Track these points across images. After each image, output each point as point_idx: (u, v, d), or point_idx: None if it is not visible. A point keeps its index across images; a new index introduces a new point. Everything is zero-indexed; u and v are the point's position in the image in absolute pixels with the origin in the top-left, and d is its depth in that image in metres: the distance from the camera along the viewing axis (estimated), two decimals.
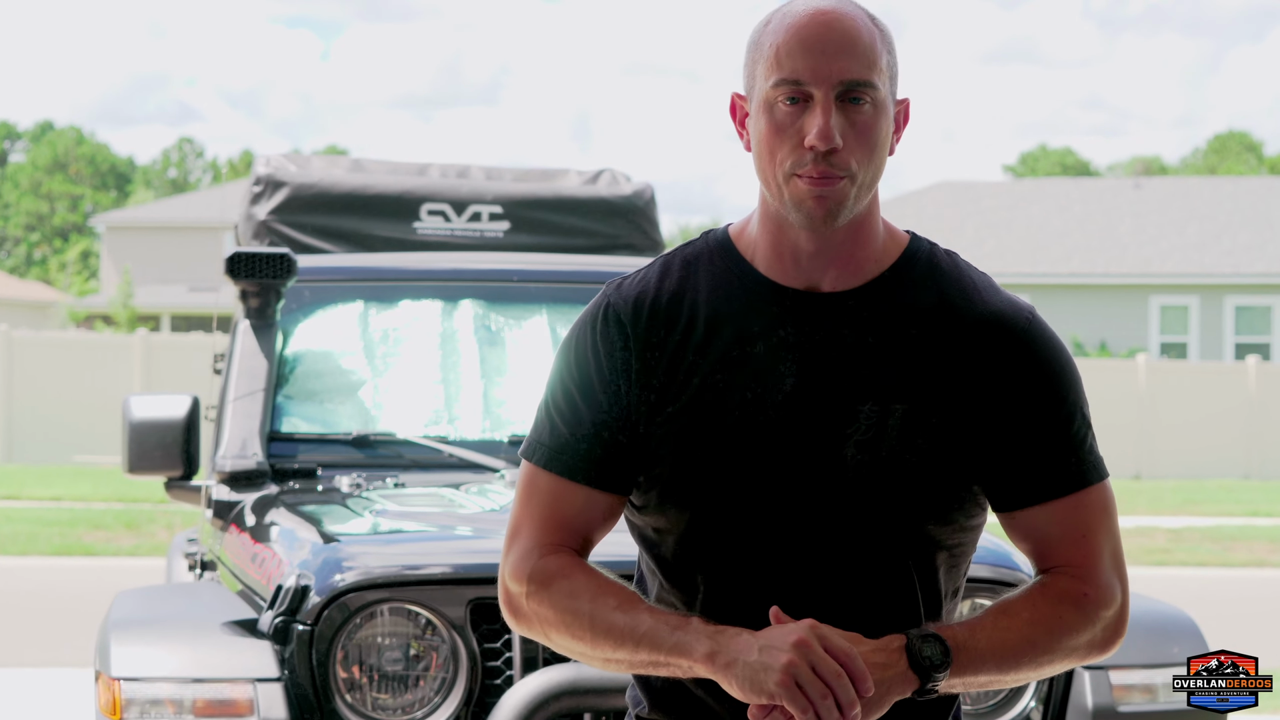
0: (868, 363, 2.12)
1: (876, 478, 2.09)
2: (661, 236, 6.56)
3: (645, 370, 2.15)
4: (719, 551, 2.13)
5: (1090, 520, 2.15)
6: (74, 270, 52.97)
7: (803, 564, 2.11)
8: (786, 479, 2.11)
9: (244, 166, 64.38)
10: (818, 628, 1.99)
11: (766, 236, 2.17)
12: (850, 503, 2.10)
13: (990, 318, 2.15)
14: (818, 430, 2.10)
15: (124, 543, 14.55)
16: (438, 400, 5.13)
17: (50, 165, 69.11)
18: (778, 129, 2.09)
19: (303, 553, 3.98)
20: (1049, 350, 2.16)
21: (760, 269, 2.17)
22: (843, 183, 2.08)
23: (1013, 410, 2.13)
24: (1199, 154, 71.83)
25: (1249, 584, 13.72)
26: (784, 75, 2.08)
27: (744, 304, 2.16)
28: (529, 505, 2.21)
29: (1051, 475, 2.14)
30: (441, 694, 3.77)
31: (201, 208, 44.73)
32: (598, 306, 2.21)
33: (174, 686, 3.77)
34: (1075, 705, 4.05)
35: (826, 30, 2.09)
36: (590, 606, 2.11)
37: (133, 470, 5.03)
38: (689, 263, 2.21)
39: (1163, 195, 35.82)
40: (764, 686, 1.97)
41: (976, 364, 2.13)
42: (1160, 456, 25.46)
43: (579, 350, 2.20)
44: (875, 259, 2.17)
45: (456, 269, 5.59)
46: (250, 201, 6.21)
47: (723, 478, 2.12)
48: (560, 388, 2.20)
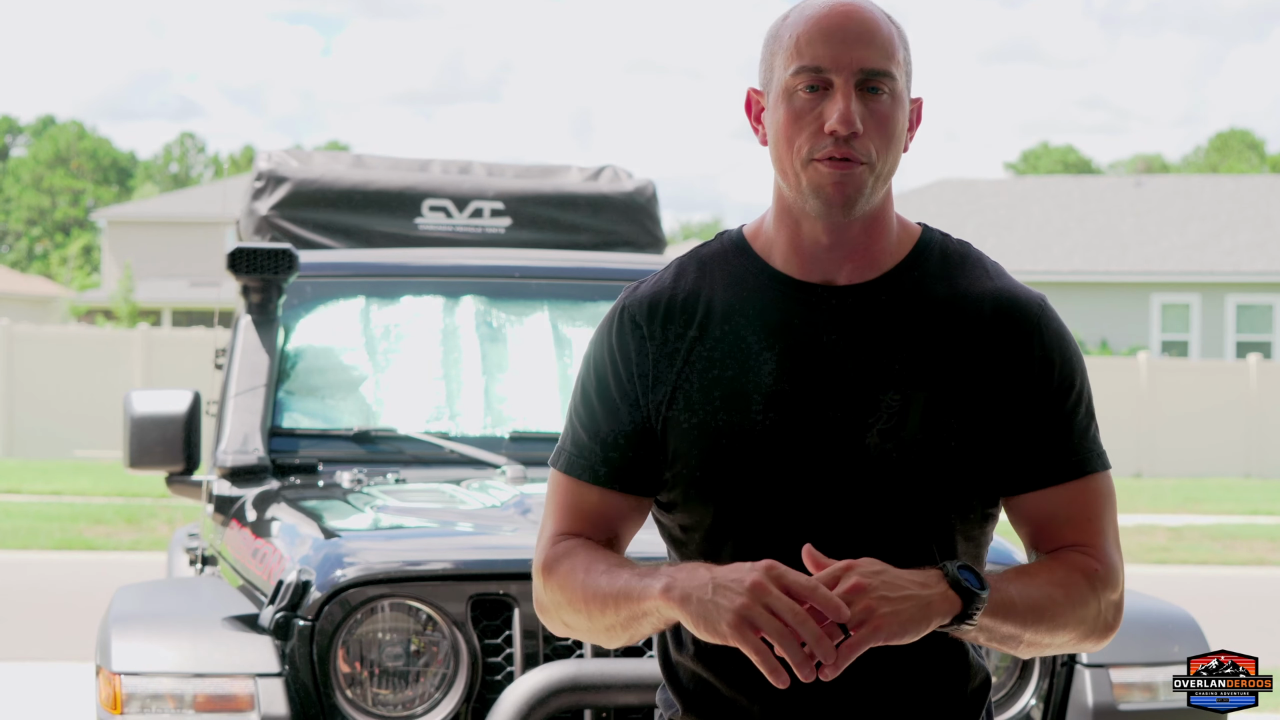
0: (888, 353, 2.14)
1: (900, 465, 2.10)
2: (663, 233, 6.56)
3: (663, 369, 2.17)
4: (745, 546, 2.14)
5: (1096, 505, 2.18)
6: (75, 265, 53.01)
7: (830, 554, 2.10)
8: (810, 471, 2.12)
9: (245, 162, 64.36)
10: (774, 567, 1.96)
11: (783, 232, 2.19)
12: (874, 491, 2.12)
13: (1003, 306, 2.18)
14: (840, 421, 2.12)
15: (125, 538, 14.56)
16: (439, 396, 5.13)
17: (52, 160, 69.10)
18: (796, 116, 2.11)
19: (304, 548, 3.98)
20: (1060, 339, 2.19)
21: (777, 265, 2.19)
22: (861, 169, 2.10)
23: (1024, 396, 2.15)
24: (1200, 152, 71.81)
25: (1249, 583, 13.71)
26: (804, 63, 2.11)
27: (762, 300, 2.17)
28: (551, 506, 2.24)
29: (1061, 459, 2.17)
30: (442, 690, 3.77)
31: (203, 203, 44.72)
32: (614, 311, 2.23)
33: (175, 681, 3.77)
34: (1076, 703, 4.04)
35: (846, 20, 2.12)
36: (584, 578, 2.14)
37: (134, 465, 5.04)
38: (704, 262, 2.23)
39: (1164, 194, 35.81)
40: (716, 626, 1.96)
41: (990, 351, 2.15)
42: (1161, 454, 25.46)
43: (597, 356, 2.23)
44: (890, 252, 2.19)
45: (458, 265, 5.59)
46: (252, 197, 6.21)
47: (745, 473, 2.13)
48: (581, 394, 2.24)
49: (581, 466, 2.20)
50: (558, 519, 2.22)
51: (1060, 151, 71.16)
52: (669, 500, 2.19)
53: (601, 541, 2.20)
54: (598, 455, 2.19)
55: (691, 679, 2.20)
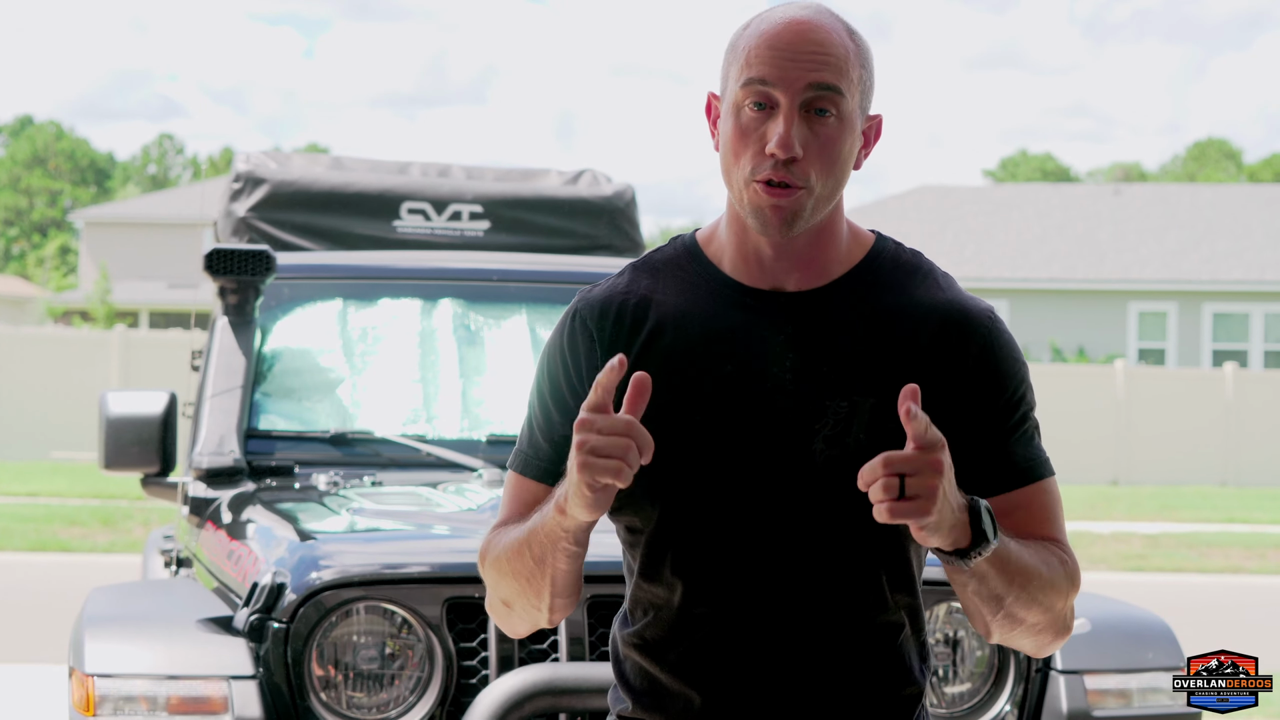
0: (835, 359, 2.15)
1: (846, 471, 2.09)
2: (642, 237, 6.56)
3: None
4: (691, 548, 2.16)
5: (1052, 506, 2.21)
6: (52, 266, 52.83)
7: (775, 558, 2.14)
8: (756, 474, 2.14)
9: (224, 163, 64.19)
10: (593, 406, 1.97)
11: (733, 239, 2.21)
12: (820, 496, 2.13)
13: (953, 316, 2.19)
14: (786, 426, 2.13)
15: (100, 539, 14.50)
16: (416, 399, 5.12)
17: (29, 160, 68.88)
18: (742, 133, 2.12)
19: (279, 550, 3.97)
20: (1009, 351, 2.21)
21: (727, 271, 2.21)
22: (800, 194, 2.11)
23: (973, 407, 2.17)
24: (1179, 161, 72.06)
25: (1225, 590, 13.75)
26: (751, 75, 2.11)
27: (710, 305, 2.19)
28: (502, 505, 2.27)
29: (1014, 466, 2.19)
30: (417, 693, 3.76)
31: (181, 204, 44.58)
32: (567, 314, 2.26)
33: (148, 683, 3.76)
34: (1050, 709, 4.05)
35: (798, 38, 2.11)
36: (503, 541, 2.19)
37: (109, 466, 5.02)
38: (656, 268, 2.25)
39: (1142, 202, 35.92)
40: (578, 487, 1.98)
41: (939, 361, 2.17)
42: (1138, 462, 25.51)
43: (550, 358, 2.25)
44: (839, 260, 2.21)
45: (436, 268, 5.58)
46: (230, 198, 6.20)
47: (691, 475, 2.14)
48: (536, 395, 2.26)
49: (536, 468, 2.23)
50: (505, 513, 2.26)
51: (1039, 159, 71.34)
52: (617, 503, 2.18)
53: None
54: (550, 456, 2.21)
55: (636, 673, 2.22)
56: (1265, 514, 20.13)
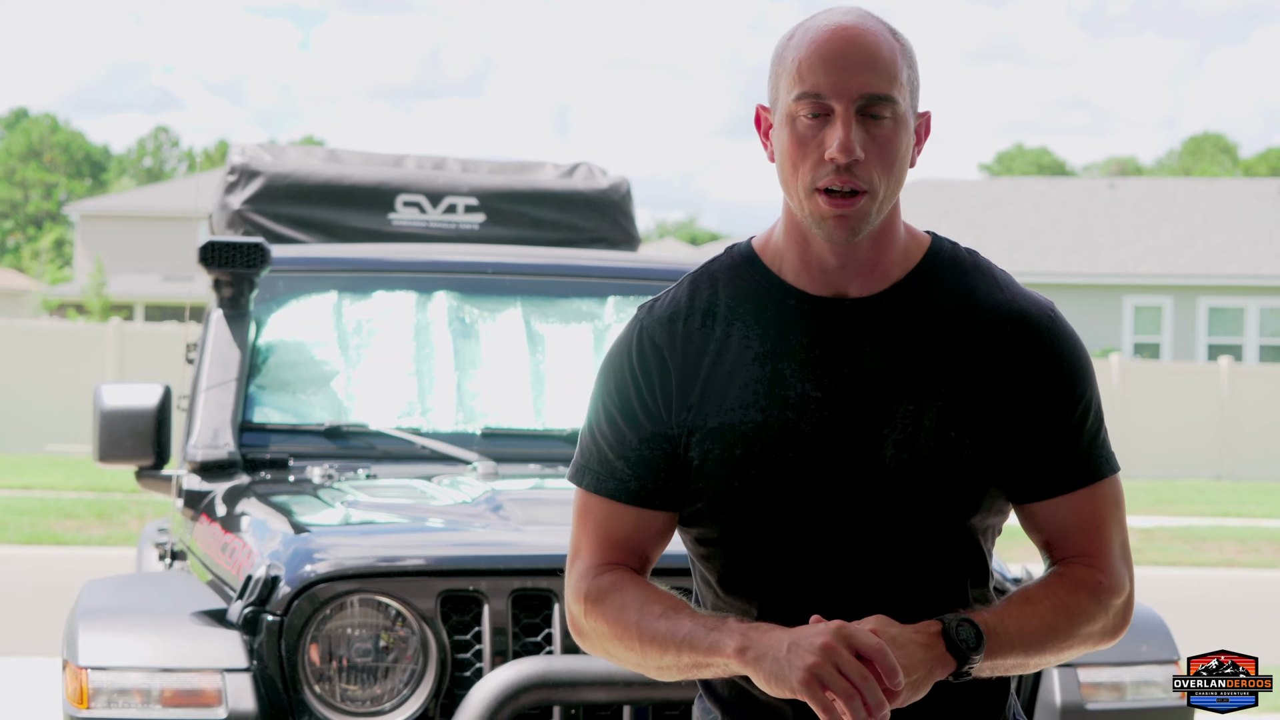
0: (900, 363, 2.16)
1: (917, 475, 2.13)
2: (637, 231, 6.56)
3: (684, 388, 2.20)
4: (768, 559, 2.18)
5: (1103, 512, 2.23)
6: (47, 258, 52.76)
7: (851, 565, 2.16)
8: (828, 482, 2.15)
9: (220, 156, 64.10)
10: (844, 629, 2.01)
11: (793, 247, 2.21)
12: (893, 501, 2.14)
13: (1014, 314, 2.20)
14: (856, 433, 2.15)
15: (95, 532, 14.50)
16: (411, 392, 5.11)
17: (24, 153, 68.79)
18: (800, 142, 2.13)
19: (273, 543, 3.96)
20: (1070, 346, 2.22)
21: (788, 279, 2.22)
22: (863, 199, 2.12)
23: (1033, 405, 2.18)
24: (1174, 155, 72.07)
25: (1219, 584, 13.78)
26: (805, 89, 2.12)
27: (775, 315, 2.20)
28: (584, 528, 2.27)
29: (1068, 469, 2.20)
30: (411, 686, 3.76)
31: (176, 197, 44.52)
32: (632, 331, 2.26)
33: (142, 676, 3.76)
34: (1044, 703, 4.06)
35: (847, 45, 2.12)
36: (637, 617, 2.17)
37: (104, 459, 5.01)
38: (716, 278, 2.26)
39: (1138, 196, 35.93)
40: (788, 681, 2.01)
41: (1001, 359, 2.18)
42: (1132, 456, 25.51)
43: (618, 375, 2.25)
44: (899, 263, 2.22)
45: (431, 260, 5.58)
46: (225, 191, 6.19)
47: (766, 487, 2.16)
48: (603, 412, 2.25)
49: (614, 487, 2.23)
50: (594, 545, 2.25)
51: (1035, 153, 71.34)
52: (692, 513, 2.22)
53: (636, 567, 2.24)
54: (628, 474, 2.22)
55: (724, 683, 2.24)
56: (1259, 508, 20.16)
